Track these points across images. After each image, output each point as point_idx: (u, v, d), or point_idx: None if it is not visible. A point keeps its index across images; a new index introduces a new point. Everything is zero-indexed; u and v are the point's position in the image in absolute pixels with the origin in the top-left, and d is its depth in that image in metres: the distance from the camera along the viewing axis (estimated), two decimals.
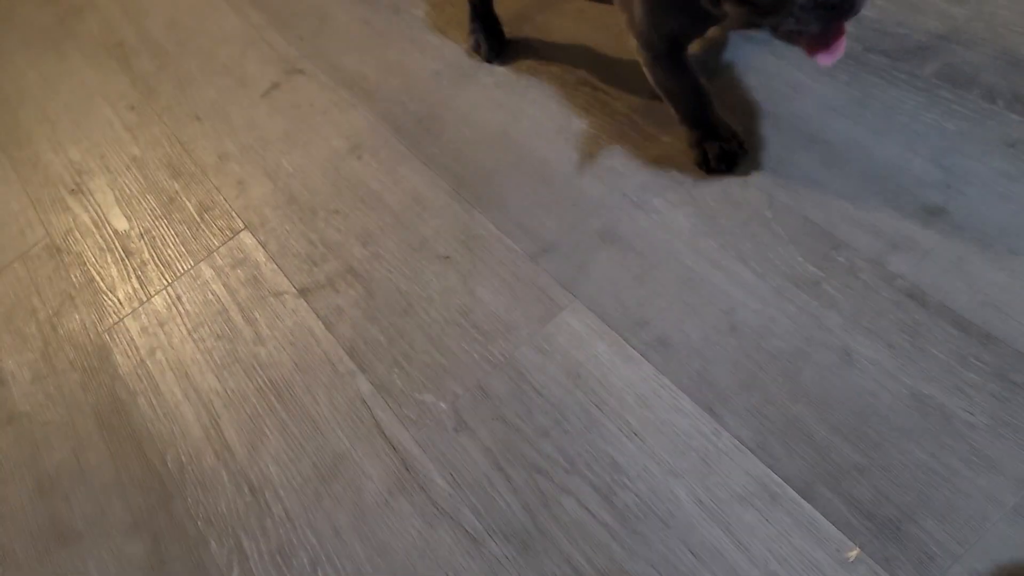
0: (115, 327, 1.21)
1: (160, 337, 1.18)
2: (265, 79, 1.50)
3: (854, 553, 0.78)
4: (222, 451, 1.04)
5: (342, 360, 1.07)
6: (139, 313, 1.22)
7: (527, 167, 1.20)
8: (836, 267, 0.97)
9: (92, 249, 1.34)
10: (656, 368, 0.95)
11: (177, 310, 1.20)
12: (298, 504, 0.97)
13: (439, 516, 0.91)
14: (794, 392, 0.89)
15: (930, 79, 1.11)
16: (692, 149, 1.11)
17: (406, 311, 1.09)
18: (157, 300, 1.23)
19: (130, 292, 1.25)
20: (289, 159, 1.34)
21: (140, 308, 1.23)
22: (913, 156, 1.04)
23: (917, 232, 0.97)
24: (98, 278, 1.29)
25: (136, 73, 1.62)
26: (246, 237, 1.26)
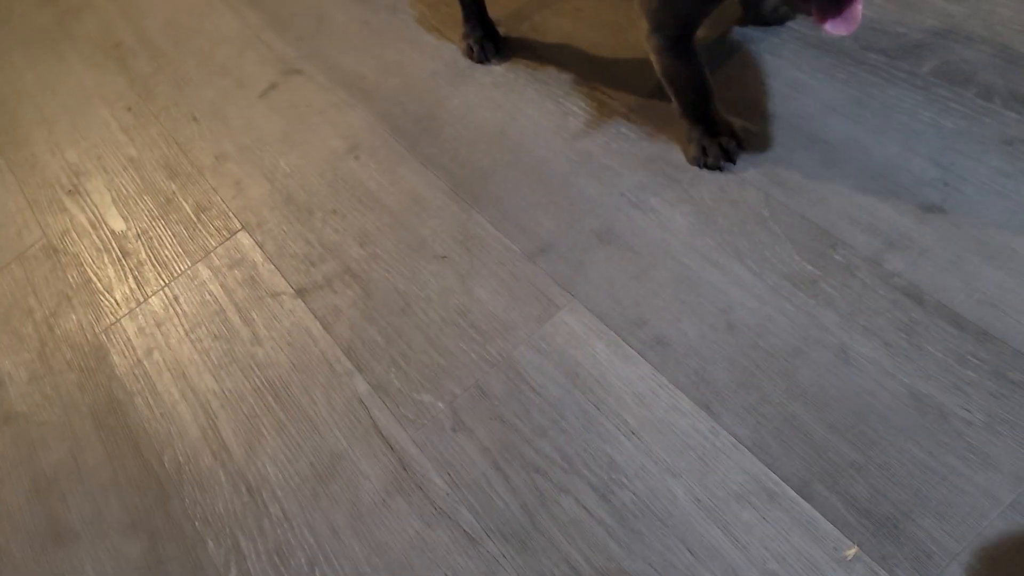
0: (112, 327, 1.21)
1: (157, 337, 1.18)
2: (263, 80, 1.50)
3: (852, 551, 0.78)
4: (219, 451, 1.04)
5: (340, 360, 1.07)
6: (136, 313, 1.22)
7: (525, 166, 1.20)
8: (833, 266, 0.97)
9: (89, 250, 1.33)
10: (654, 367, 0.95)
11: (174, 310, 1.20)
12: (296, 504, 0.97)
13: (437, 515, 0.91)
14: (791, 391, 0.89)
15: (928, 77, 1.11)
16: (690, 145, 1.11)
17: (404, 311, 1.09)
18: (154, 300, 1.23)
19: (127, 292, 1.25)
20: (287, 159, 1.34)
21: (137, 308, 1.22)
22: (911, 154, 1.04)
23: (914, 230, 0.97)
24: (95, 279, 1.29)
25: (134, 74, 1.62)
26: (243, 238, 1.26)
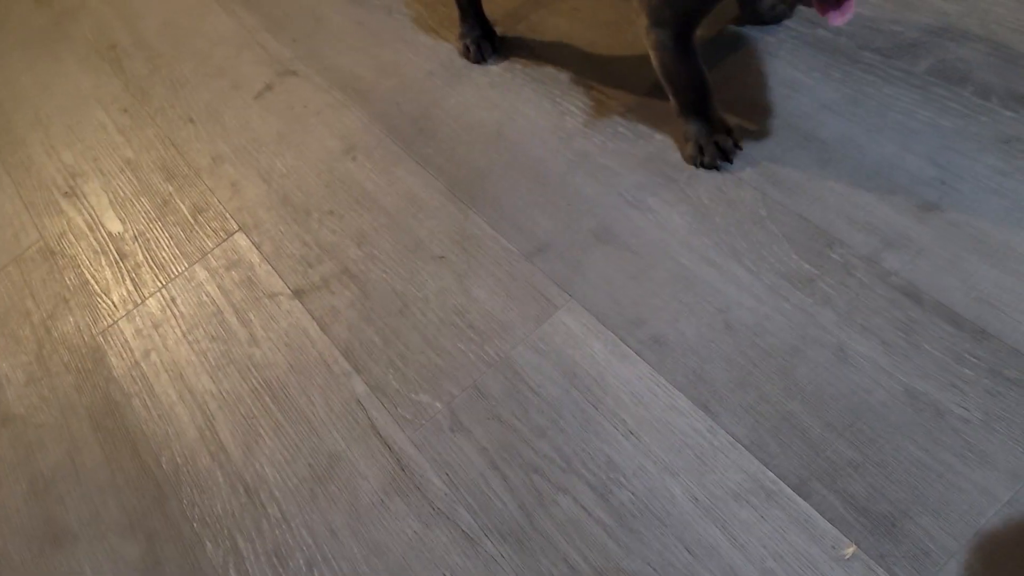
0: (109, 329, 1.21)
1: (155, 339, 1.18)
2: (259, 81, 1.49)
3: (850, 550, 0.78)
4: (217, 452, 1.04)
5: (337, 361, 1.07)
6: (133, 315, 1.22)
7: (522, 166, 1.20)
8: (831, 265, 0.97)
9: (86, 252, 1.33)
10: (652, 366, 0.95)
11: (171, 312, 1.20)
12: (294, 505, 0.97)
13: (435, 516, 0.91)
14: (789, 389, 0.89)
15: (924, 76, 1.11)
16: (687, 144, 1.11)
17: (401, 311, 1.09)
18: (151, 302, 1.22)
19: (124, 294, 1.25)
20: (283, 160, 1.34)
21: (134, 310, 1.22)
22: (907, 153, 1.04)
23: (912, 229, 0.98)
24: (92, 280, 1.29)
25: (129, 76, 1.62)
26: (240, 239, 1.26)
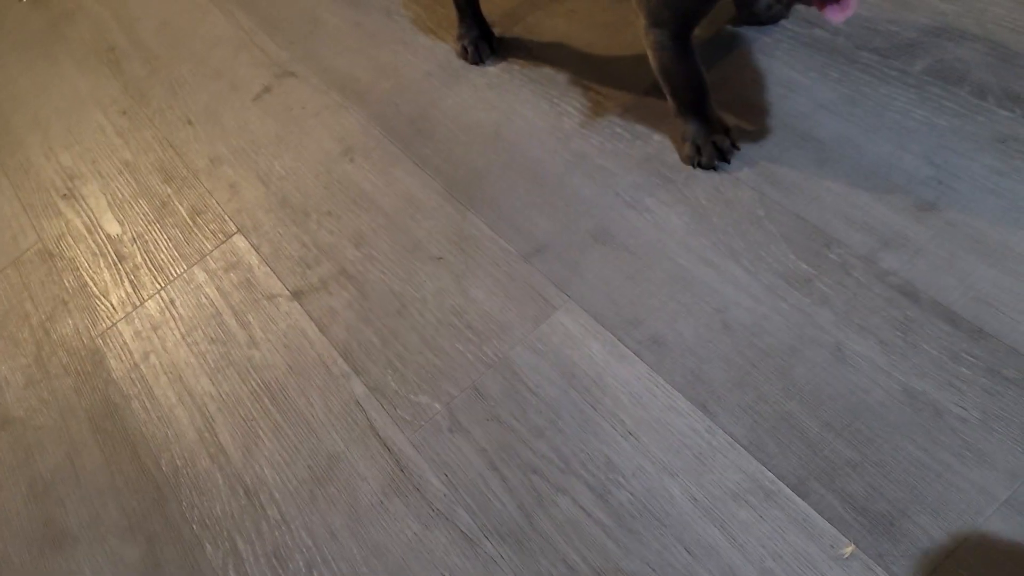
0: (108, 331, 1.21)
1: (154, 341, 1.18)
2: (257, 82, 1.50)
3: (849, 549, 0.79)
4: (217, 454, 1.04)
5: (336, 362, 1.07)
6: (132, 317, 1.22)
7: (519, 167, 1.20)
8: (828, 264, 0.97)
9: (85, 254, 1.33)
10: (650, 367, 0.95)
11: (170, 314, 1.20)
12: (293, 506, 0.97)
13: (434, 517, 0.91)
14: (787, 389, 0.90)
15: (921, 76, 1.11)
16: (684, 144, 1.11)
17: (400, 312, 1.09)
18: (150, 304, 1.23)
19: (123, 296, 1.25)
20: (281, 162, 1.34)
21: (133, 312, 1.22)
22: (904, 153, 1.04)
23: (909, 228, 0.98)
24: (91, 283, 1.29)
25: (127, 78, 1.62)
26: (239, 240, 1.26)
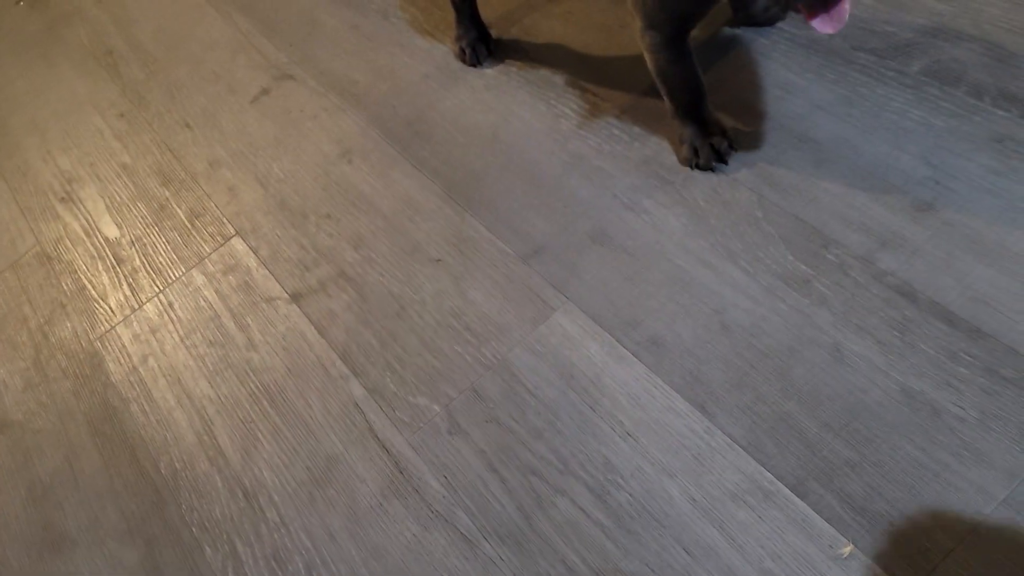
0: (107, 335, 1.21)
1: (152, 344, 1.18)
2: (255, 85, 1.50)
3: (848, 549, 0.79)
4: (216, 457, 1.04)
5: (335, 364, 1.07)
6: (131, 320, 1.22)
7: (517, 169, 1.20)
8: (826, 265, 0.98)
9: (83, 257, 1.33)
10: (648, 368, 0.96)
11: (169, 317, 1.20)
12: (292, 508, 0.97)
13: (433, 518, 0.91)
14: (785, 390, 0.90)
15: (917, 76, 1.11)
16: (682, 146, 1.11)
17: (398, 314, 1.10)
18: (149, 307, 1.23)
19: (121, 299, 1.25)
20: (280, 164, 1.34)
21: (132, 315, 1.22)
22: (901, 153, 1.05)
23: (906, 229, 0.98)
24: (89, 286, 1.29)
25: (125, 81, 1.62)
26: (237, 243, 1.26)
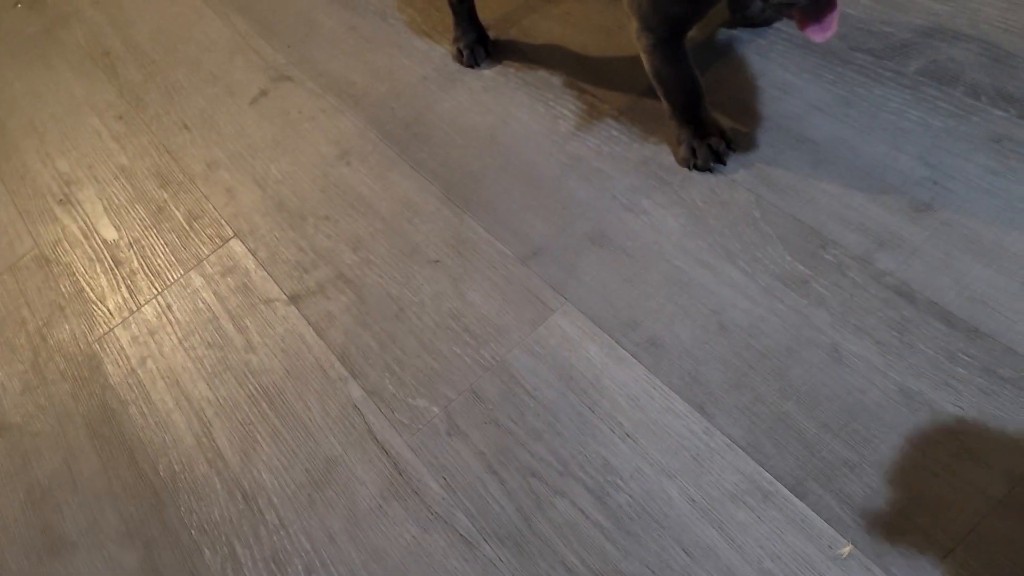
0: (105, 337, 1.21)
1: (151, 346, 1.18)
2: (253, 86, 1.50)
3: (847, 549, 0.79)
4: (214, 459, 1.04)
5: (334, 366, 1.07)
6: (129, 322, 1.22)
7: (516, 170, 1.20)
8: (824, 265, 0.98)
9: (81, 259, 1.33)
10: (647, 369, 0.96)
11: (167, 319, 1.20)
12: (292, 511, 0.97)
13: (433, 520, 0.91)
14: (784, 390, 0.90)
15: (915, 76, 1.11)
16: (680, 147, 1.11)
17: (397, 316, 1.10)
18: (147, 309, 1.22)
19: (120, 302, 1.25)
20: (278, 166, 1.34)
21: (130, 317, 1.22)
22: (899, 154, 1.05)
23: (904, 229, 0.98)
24: (88, 288, 1.29)
25: (123, 82, 1.62)
26: (236, 245, 1.26)
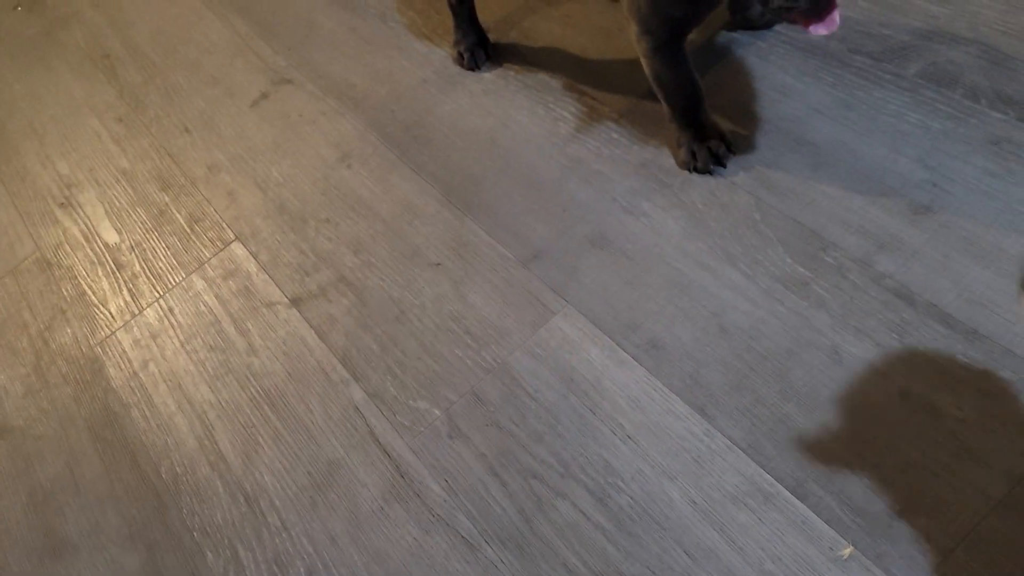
0: (107, 340, 1.21)
1: (152, 349, 1.18)
2: (253, 89, 1.50)
3: (847, 551, 0.79)
4: (217, 461, 1.04)
5: (335, 369, 1.08)
6: (131, 326, 1.22)
7: (516, 173, 1.20)
8: (824, 268, 0.98)
9: (83, 262, 1.33)
10: (648, 371, 0.96)
11: (169, 322, 1.20)
12: (294, 513, 0.97)
13: (434, 522, 0.92)
14: (784, 392, 0.90)
15: (914, 79, 1.12)
16: (680, 150, 1.12)
17: (398, 319, 1.10)
18: (149, 312, 1.23)
19: (122, 305, 1.25)
20: (279, 169, 1.35)
21: (132, 321, 1.23)
22: (898, 156, 1.05)
23: (904, 231, 0.98)
24: (89, 291, 1.29)
25: (123, 84, 1.62)
26: (237, 248, 1.26)
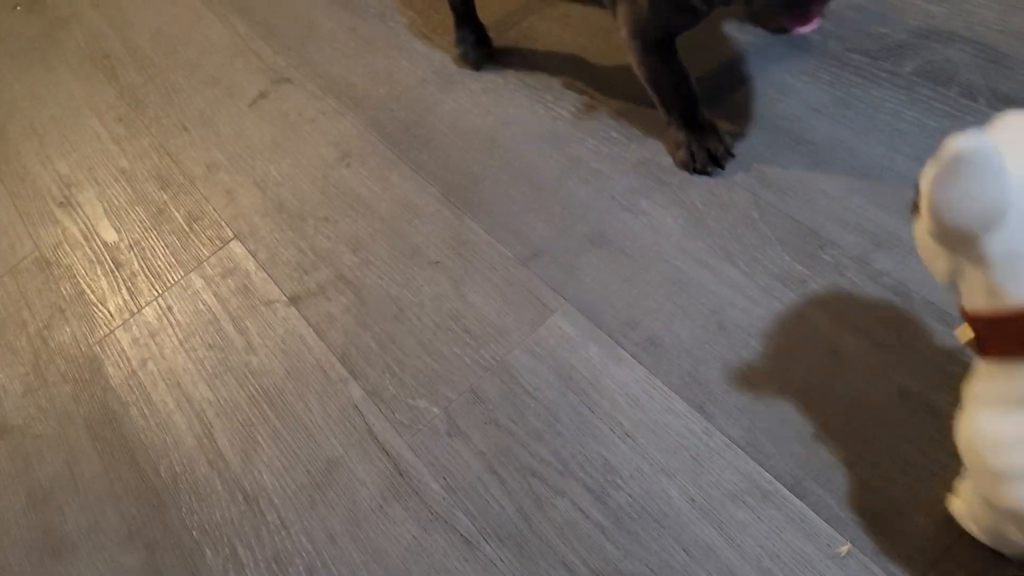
0: (106, 339, 1.21)
1: (151, 348, 1.18)
2: (252, 88, 1.50)
3: (845, 548, 0.79)
4: (216, 460, 1.04)
5: (334, 367, 1.08)
6: (130, 324, 1.22)
7: (515, 172, 1.21)
8: (822, 266, 0.98)
9: (82, 261, 1.33)
10: (647, 369, 0.96)
11: (168, 321, 1.20)
12: (293, 511, 0.97)
13: (433, 520, 0.92)
14: (783, 390, 0.90)
15: (911, 77, 1.12)
16: (678, 151, 1.12)
17: (397, 317, 1.10)
18: (148, 311, 1.23)
19: (120, 304, 1.25)
20: (278, 168, 1.35)
21: (131, 319, 1.23)
22: (896, 154, 1.05)
23: (901, 229, 0.99)
24: (88, 290, 1.29)
25: (123, 84, 1.62)
26: (236, 246, 1.26)
